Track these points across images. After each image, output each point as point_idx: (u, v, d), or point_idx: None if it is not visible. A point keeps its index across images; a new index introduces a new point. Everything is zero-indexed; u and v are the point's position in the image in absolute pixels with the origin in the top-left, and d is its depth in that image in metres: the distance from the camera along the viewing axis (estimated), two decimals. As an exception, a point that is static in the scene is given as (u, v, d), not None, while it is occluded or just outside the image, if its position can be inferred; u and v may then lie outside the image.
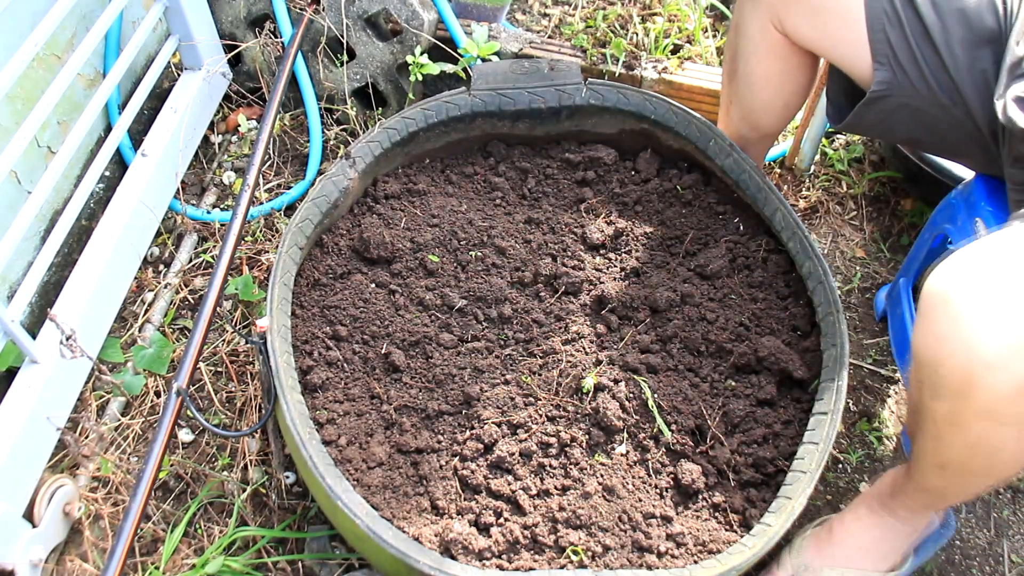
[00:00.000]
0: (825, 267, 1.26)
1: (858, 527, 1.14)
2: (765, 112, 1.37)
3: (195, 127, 1.69)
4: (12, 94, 1.35)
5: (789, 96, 1.34)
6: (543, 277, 1.38)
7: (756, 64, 1.30)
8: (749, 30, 1.27)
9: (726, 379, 1.27)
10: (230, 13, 1.76)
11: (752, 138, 1.45)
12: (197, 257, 1.61)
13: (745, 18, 1.27)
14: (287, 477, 1.28)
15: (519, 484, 1.15)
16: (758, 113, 1.38)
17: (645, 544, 1.10)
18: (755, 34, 1.26)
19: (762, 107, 1.37)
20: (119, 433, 1.37)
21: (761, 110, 1.37)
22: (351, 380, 1.26)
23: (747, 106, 1.38)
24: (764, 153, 1.52)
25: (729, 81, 1.39)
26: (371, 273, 1.38)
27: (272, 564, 1.24)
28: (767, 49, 1.26)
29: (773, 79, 1.31)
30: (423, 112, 1.45)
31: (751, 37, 1.27)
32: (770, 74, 1.30)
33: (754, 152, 1.47)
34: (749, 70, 1.32)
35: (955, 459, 0.95)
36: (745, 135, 1.44)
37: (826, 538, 1.17)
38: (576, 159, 1.53)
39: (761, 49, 1.27)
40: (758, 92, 1.34)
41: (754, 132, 1.43)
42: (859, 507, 1.16)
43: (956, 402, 0.86)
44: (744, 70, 1.33)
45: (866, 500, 1.15)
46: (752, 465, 1.19)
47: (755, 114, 1.38)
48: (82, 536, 1.24)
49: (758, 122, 1.40)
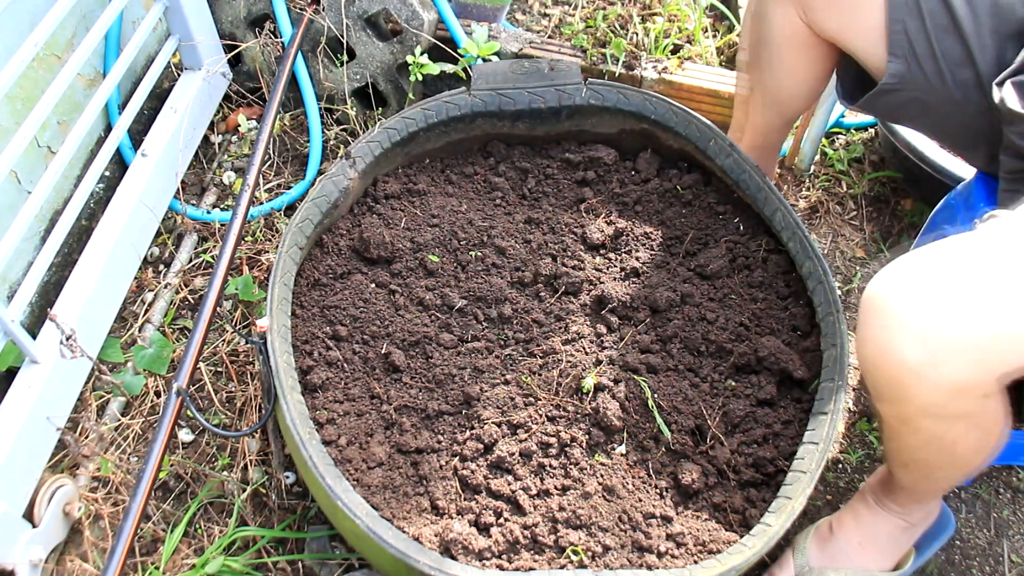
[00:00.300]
0: (825, 267, 1.26)
1: (856, 525, 1.16)
2: (790, 99, 1.38)
3: (195, 127, 1.69)
4: (12, 94, 1.35)
5: (814, 82, 1.35)
6: (543, 277, 1.38)
7: (782, 53, 1.30)
8: (773, 19, 1.27)
9: (726, 379, 1.27)
10: (230, 13, 1.76)
11: (776, 124, 1.46)
12: (197, 257, 1.61)
13: (768, 6, 1.27)
14: (287, 477, 1.28)
15: (519, 484, 1.15)
16: (783, 100, 1.39)
17: (645, 544, 1.10)
18: (779, 22, 1.26)
19: (788, 94, 1.37)
20: (119, 433, 1.37)
21: (787, 97, 1.38)
22: (351, 380, 1.26)
23: (772, 93, 1.38)
24: (784, 138, 1.52)
25: (752, 68, 1.39)
26: (371, 273, 1.38)
27: (272, 564, 1.24)
28: (792, 37, 1.26)
29: (799, 68, 1.31)
30: (423, 112, 1.45)
31: (775, 25, 1.27)
32: (796, 63, 1.30)
33: (777, 137, 1.49)
34: (774, 58, 1.32)
35: (915, 456, 0.98)
36: (770, 120, 1.45)
37: (827, 538, 1.18)
38: (576, 159, 1.53)
39: (786, 38, 1.27)
40: (784, 80, 1.35)
41: (779, 118, 1.44)
42: (857, 504, 1.17)
43: (896, 405, 0.88)
44: (768, 58, 1.33)
45: (863, 497, 1.17)
46: (752, 465, 1.19)
47: (780, 101, 1.39)
48: (82, 536, 1.24)
49: (783, 108, 1.41)
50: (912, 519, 1.15)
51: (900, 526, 1.14)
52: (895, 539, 1.15)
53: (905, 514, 1.14)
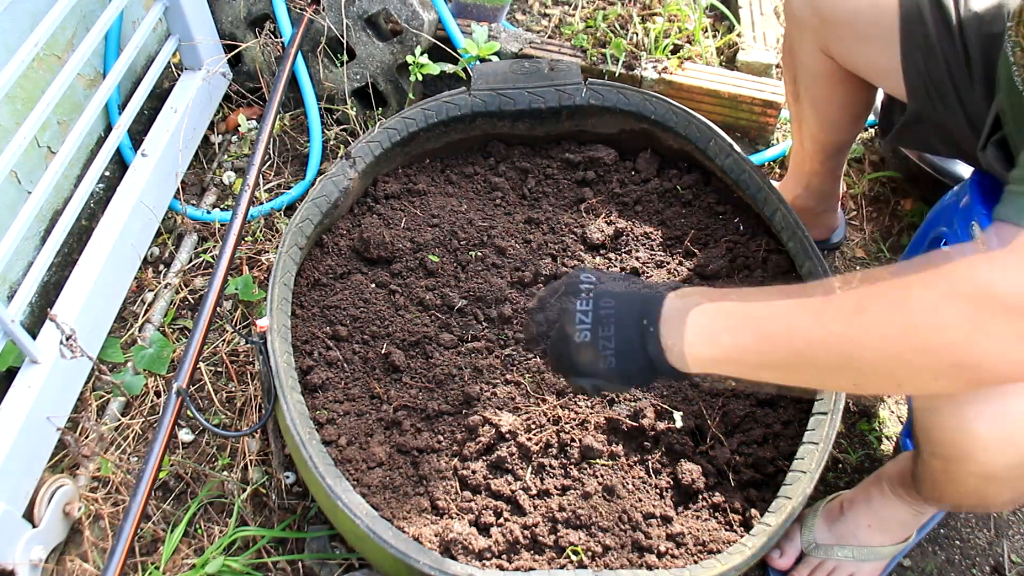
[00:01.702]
0: (825, 267, 1.26)
1: (868, 508, 1.17)
2: (835, 128, 1.37)
3: (195, 127, 1.69)
4: (12, 94, 1.35)
5: (856, 108, 1.33)
6: (543, 277, 1.38)
7: (817, 88, 1.30)
8: (802, 56, 1.27)
9: (726, 379, 1.27)
10: (230, 13, 1.76)
11: (828, 152, 1.43)
12: (197, 257, 1.61)
13: (795, 43, 1.28)
14: (287, 477, 1.28)
15: (519, 484, 1.15)
16: (828, 130, 1.38)
17: (645, 544, 1.10)
18: (808, 60, 1.26)
19: (831, 124, 1.36)
20: (119, 433, 1.37)
21: (831, 126, 1.37)
22: (351, 380, 1.26)
23: (816, 125, 1.37)
24: (843, 160, 1.49)
25: (794, 101, 1.39)
26: (371, 273, 1.38)
27: (272, 564, 1.24)
28: (823, 73, 1.26)
29: (836, 100, 1.31)
30: (423, 112, 1.45)
31: (805, 63, 1.28)
32: (832, 96, 1.30)
33: (835, 162, 1.46)
34: (811, 93, 1.32)
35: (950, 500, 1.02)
36: (818, 150, 1.43)
37: (836, 516, 1.20)
38: (576, 159, 1.53)
39: (818, 74, 1.27)
40: (823, 112, 1.34)
41: (830, 145, 1.42)
42: (871, 488, 1.19)
43: (950, 463, 0.91)
44: (806, 93, 1.33)
45: (878, 483, 1.18)
46: (752, 465, 1.19)
47: (826, 132, 1.38)
48: (82, 536, 1.24)
49: (830, 137, 1.39)
50: (925, 509, 1.16)
51: (911, 511, 1.16)
52: (904, 523, 1.17)
53: (919, 505, 1.15)
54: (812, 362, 0.76)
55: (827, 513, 1.21)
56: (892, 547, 1.18)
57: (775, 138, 1.83)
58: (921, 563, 1.28)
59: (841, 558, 1.17)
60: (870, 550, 1.17)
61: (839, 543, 1.18)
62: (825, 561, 1.18)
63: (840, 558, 1.17)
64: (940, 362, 0.70)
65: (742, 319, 0.80)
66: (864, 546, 1.17)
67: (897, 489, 1.15)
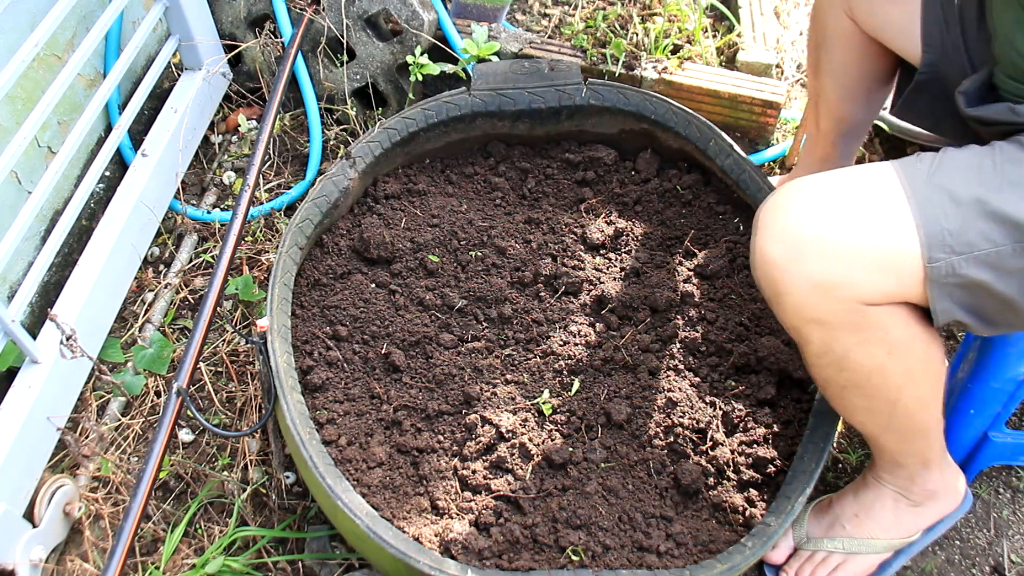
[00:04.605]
0: (825, 267, 1.26)
1: (855, 499, 1.19)
2: (852, 98, 1.38)
3: (195, 127, 1.69)
4: (12, 94, 1.35)
5: (871, 83, 1.34)
6: (543, 277, 1.38)
7: (838, 52, 1.31)
8: (827, 19, 1.29)
9: (726, 379, 1.27)
10: (230, 13, 1.76)
11: (842, 130, 1.43)
12: (197, 257, 1.61)
13: (820, 10, 1.30)
14: (287, 477, 1.28)
15: (519, 484, 1.15)
16: (845, 101, 1.38)
17: (645, 544, 1.10)
18: (831, 22, 1.28)
19: (848, 93, 1.37)
20: (119, 433, 1.37)
21: (848, 95, 1.37)
22: (351, 380, 1.26)
23: (835, 95, 1.38)
24: (855, 149, 1.50)
25: (814, 76, 1.40)
26: (371, 273, 1.38)
27: (272, 564, 1.24)
28: (845, 36, 1.28)
29: (852, 67, 1.32)
30: (423, 112, 1.45)
31: (829, 26, 1.30)
32: (849, 61, 1.31)
33: (848, 147, 1.46)
34: (830, 58, 1.33)
35: (856, 403, 1.02)
36: (833, 128, 1.44)
37: (825, 511, 1.21)
38: (576, 159, 1.53)
39: (841, 36, 1.29)
40: (842, 79, 1.35)
41: (844, 122, 1.42)
42: (857, 483, 1.21)
43: (777, 305, 0.95)
44: (826, 59, 1.34)
45: (863, 476, 1.20)
46: (752, 465, 1.19)
47: (843, 103, 1.39)
48: (82, 536, 1.24)
49: (845, 110, 1.40)
50: (913, 496, 1.16)
51: (903, 504, 1.16)
52: (898, 517, 1.17)
53: (903, 489, 1.15)
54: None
55: (817, 508, 1.22)
56: (885, 541, 1.17)
57: (775, 138, 1.82)
58: (921, 563, 1.28)
59: (830, 549, 1.18)
60: (859, 541, 1.17)
61: (828, 535, 1.18)
62: (815, 552, 1.19)
63: (829, 549, 1.18)
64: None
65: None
66: (852, 537, 1.17)
67: (877, 474, 1.16)
